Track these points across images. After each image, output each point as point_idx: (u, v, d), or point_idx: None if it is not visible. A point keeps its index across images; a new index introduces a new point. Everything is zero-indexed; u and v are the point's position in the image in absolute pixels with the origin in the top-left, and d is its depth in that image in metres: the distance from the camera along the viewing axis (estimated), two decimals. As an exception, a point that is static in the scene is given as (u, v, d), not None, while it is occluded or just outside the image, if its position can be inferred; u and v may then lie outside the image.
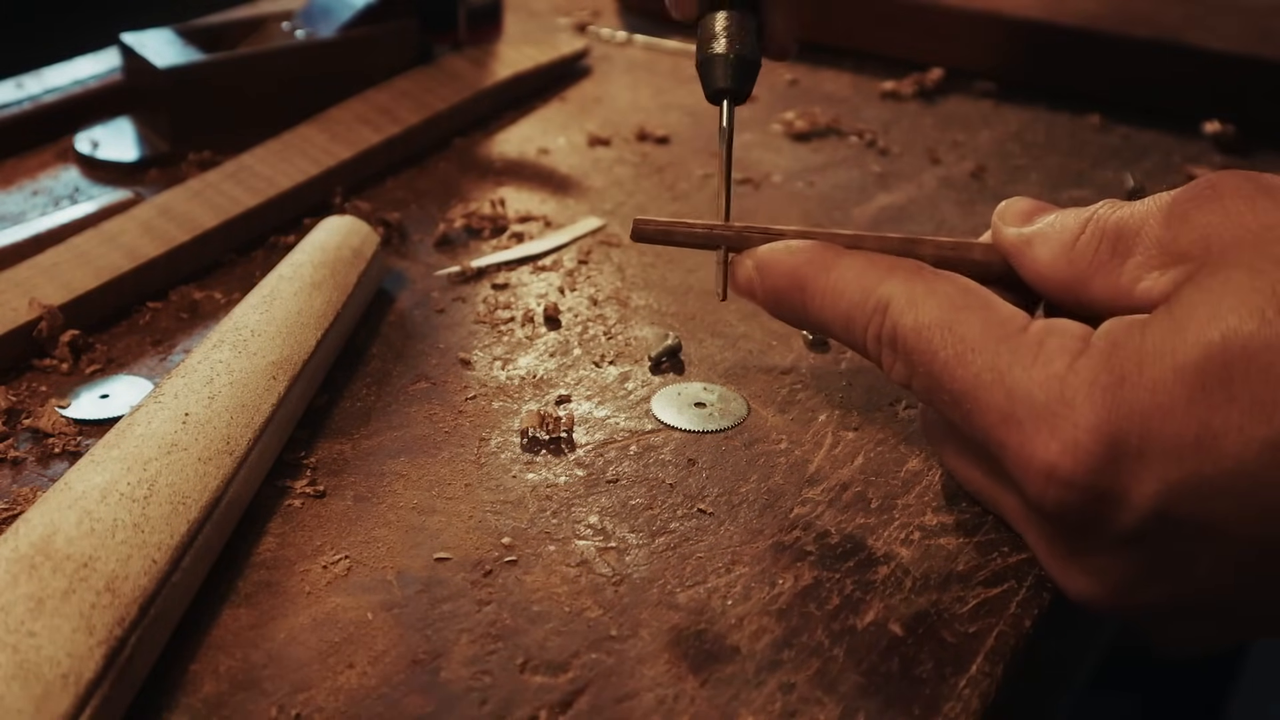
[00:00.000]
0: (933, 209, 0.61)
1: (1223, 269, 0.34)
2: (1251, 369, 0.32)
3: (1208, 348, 0.32)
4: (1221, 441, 0.32)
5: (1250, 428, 0.32)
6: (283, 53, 0.65)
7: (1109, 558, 0.35)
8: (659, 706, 0.34)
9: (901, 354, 0.38)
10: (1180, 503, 0.33)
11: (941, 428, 0.41)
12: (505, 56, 0.73)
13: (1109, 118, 0.72)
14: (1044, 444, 0.34)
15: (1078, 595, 0.37)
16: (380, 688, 0.34)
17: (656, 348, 0.49)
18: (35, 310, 0.47)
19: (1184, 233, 0.36)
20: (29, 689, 0.30)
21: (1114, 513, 0.34)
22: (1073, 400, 0.34)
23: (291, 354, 0.43)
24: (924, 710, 0.34)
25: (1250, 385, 0.32)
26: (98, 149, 0.62)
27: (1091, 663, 0.60)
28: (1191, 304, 0.34)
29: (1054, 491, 0.34)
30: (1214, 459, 0.32)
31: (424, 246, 0.57)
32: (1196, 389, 0.32)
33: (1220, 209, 0.35)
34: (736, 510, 0.41)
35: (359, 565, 0.38)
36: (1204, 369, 0.32)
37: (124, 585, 0.33)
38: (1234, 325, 0.32)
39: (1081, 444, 0.33)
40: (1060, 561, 0.37)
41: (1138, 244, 0.37)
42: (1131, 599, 0.36)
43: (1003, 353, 0.35)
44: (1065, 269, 0.39)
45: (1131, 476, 0.33)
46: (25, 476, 0.42)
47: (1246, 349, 0.32)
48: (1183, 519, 0.33)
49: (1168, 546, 0.34)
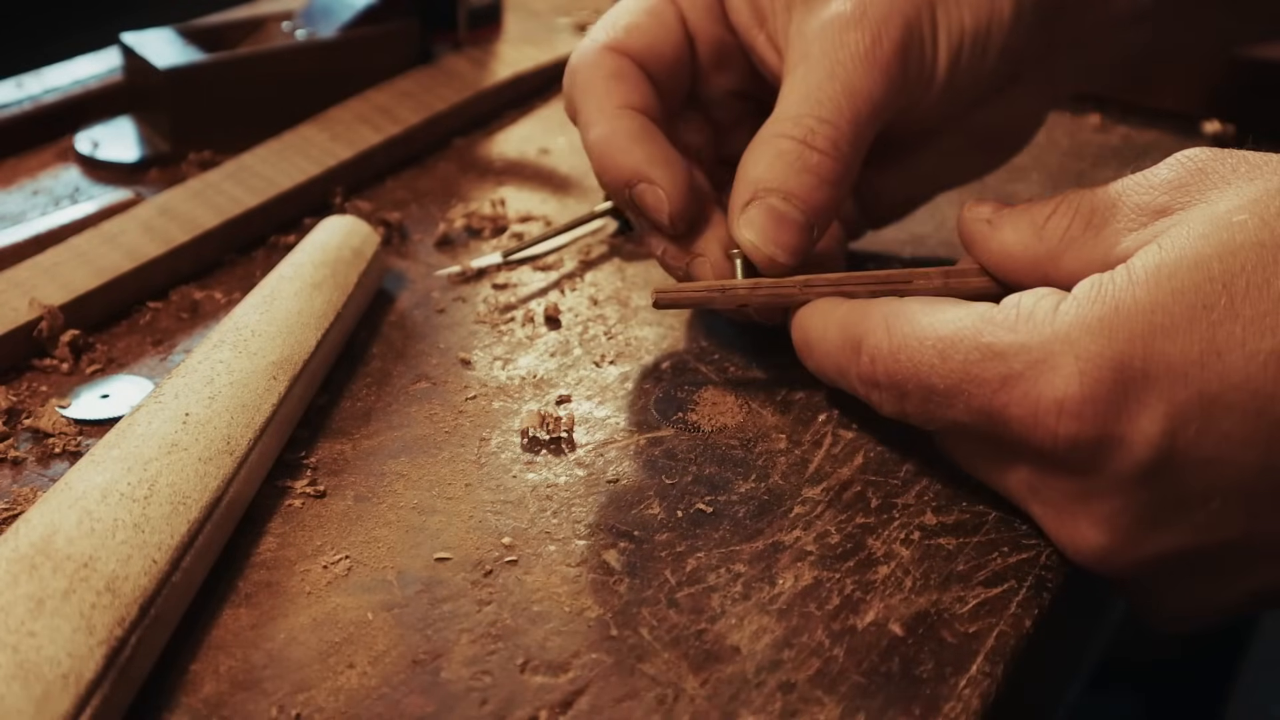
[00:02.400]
0: (933, 209, 0.61)
1: (1208, 208, 0.35)
2: (1250, 285, 0.32)
3: (1206, 270, 0.33)
4: (1226, 358, 0.32)
5: (1254, 341, 0.32)
6: (283, 53, 0.65)
7: (1118, 500, 0.35)
8: (659, 706, 0.34)
9: (886, 385, 0.39)
10: (1188, 425, 0.33)
11: (956, 441, 0.41)
12: (505, 56, 0.73)
13: (1109, 118, 0.72)
14: (1048, 383, 0.34)
15: (1088, 551, 0.37)
16: (380, 688, 0.34)
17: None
18: (35, 310, 0.47)
19: (1163, 192, 0.37)
20: (29, 689, 0.30)
21: (1124, 444, 0.34)
22: (1068, 336, 0.34)
23: (292, 354, 0.43)
24: (924, 710, 0.34)
25: (1250, 300, 0.32)
26: (98, 149, 0.62)
27: (1091, 663, 0.61)
28: (1182, 236, 0.34)
29: (1065, 427, 0.34)
30: (1220, 375, 0.32)
31: (424, 246, 0.57)
32: (1197, 308, 0.33)
33: (1196, 169, 0.37)
34: (736, 510, 0.41)
35: (359, 565, 0.38)
36: (1203, 288, 0.33)
37: (124, 585, 0.33)
38: (1230, 249, 0.33)
39: (1086, 373, 0.33)
40: (1069, 519, 0.37)
41: (1113, 214, 0.38)
42: (1140, 549, 0.36)
43: (984, 329, 0.36)
44: (1035, 246, 0.40)
45: (1139, 402, 0.33)
46: (25, 476, 0.42)
47: (1244, 268, 0.33)
48: (1191, 447, 0.33)
49: (1177, 482, 0.34)
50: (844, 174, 0.43)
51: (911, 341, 0.38)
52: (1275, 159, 0.36)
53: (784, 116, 0.44)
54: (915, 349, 0.37)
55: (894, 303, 0.40)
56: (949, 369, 0.36)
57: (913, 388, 0.38)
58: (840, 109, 0.43)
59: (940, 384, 0.37)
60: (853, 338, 0.40)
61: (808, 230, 0.43)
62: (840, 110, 0.43)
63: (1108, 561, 0.36)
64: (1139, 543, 0.36)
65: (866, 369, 0.39)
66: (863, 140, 0.44)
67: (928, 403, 0.38)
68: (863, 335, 0.39)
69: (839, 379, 0.42)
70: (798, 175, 0.43)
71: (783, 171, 0.43)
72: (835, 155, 0.43)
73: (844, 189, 0.44)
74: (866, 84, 0.43)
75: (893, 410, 0.39)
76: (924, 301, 0.39)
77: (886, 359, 0.38)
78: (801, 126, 0.43)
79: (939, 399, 0.37)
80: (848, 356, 0.40)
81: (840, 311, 0.42)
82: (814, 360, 0.43)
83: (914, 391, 0.38)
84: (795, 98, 0.44)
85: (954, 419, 0.37)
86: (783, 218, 0.43)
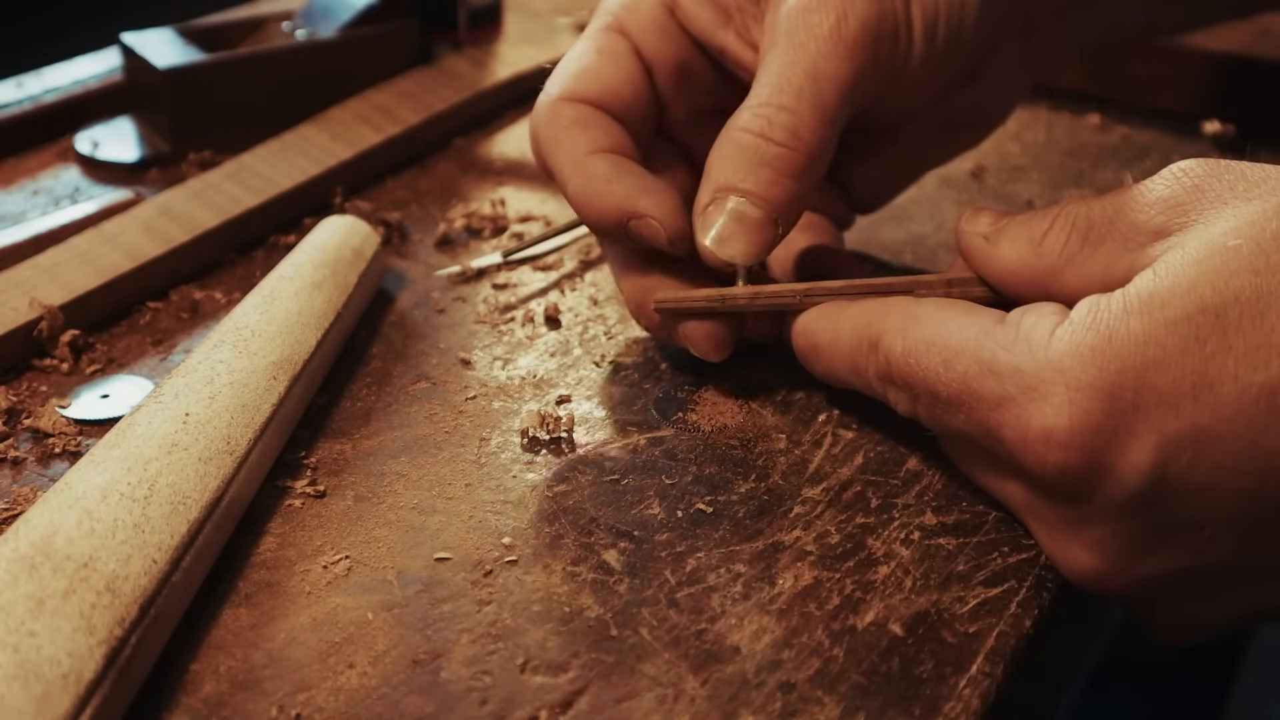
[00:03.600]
0: (933, 208, 0.61)
1: (1204, 231, 0.34)
2: (1244, 318, 0.32)
3: (1199, 299, 0.33)
4: (1218, 390, 0.32)
5: (1246, 374, 0.32)
6: (283, 53, 0.65)
7: (1110, 526, 0.35)
8: (659, 706, 0.34)
9: (901, 384, 0.39)
10: (1179, 457, 0.33)
11: (960, 446, 0.41)
12: (505, 56, 0.73)
13: (1109, 118, 0.72)
14: (1039, 411, 0.34)
15: (1081, 573, 0.36)
16: (380, 688, 0.34)
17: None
18: (35, 310, 0.47)
19: (1159, 211, 0.36)
20: (29, 689, 0.30)
21: (1114, 474, 0.33)
22: (1060, 364, 0.34)
23: (292, 354, 0.43)
24: (924, 710, 0.34)
25: (1244, 333, 0.32)
26: (98, 149, 0.62)
27: (1092, 663, 0.60)
28: (1177, 262, 0.34)
29: (1053, 456, 0.34)
30: (1212, 408, 0.32)
31: (424, 246, 0.57)
32: (1190, 339, 0.32)
33: (1192, 186, 0.36)
34: (736, 510, 0.41)
35: (359, 565, 0.38)
36: (1196, 320, 0.33)
37: (124, 585, 0.33)
38: (1224, 277, 0.33)
39: (1076, 403, 0.33)
40: (1062, 540, 0.37)
41: (1111, 232, 0.37)
42: (1133, 572, 0.36)
43: (985, 344, 0.36)
44: (1034, 262, 0.39)
45: (1129, 433, 0.33)
46: (25, 476, 0.42)
47: (1238, 299, 0.32)
48: (1182, 477, 0.33)
49: (1168, 510, 0.34)
50: (806, 164, 0.42)
51: (921, 346, 0.38)
52: (1274, 175, 0.35)
53: (745, 108, 0.43)
54: (924, 353, 0.37)
55: (910, 304, 0.40)
56: (951, 378, 0.36)
57: (921, 391, 0.38)
58: (801, 94, 0.42)
59: (944, 392, 0.37)
60: (869, 336, 0.40)
61: (770, 227, 0.42)
62: (801, 95, 0.42)
63: (1101, 583, 0.36)
64: (1131, 566, 0.36)
65: (883, 367, 0.39)
66: (829, 126, 0.42)
67: (934, 408, 0.38)
68: (879, 334, 0.39)
69: (853, 378, 0.41)
70: (755, 171, 0.42)
71: (741, 168, 0.42)
72: (795, 145, 0.41)
73: (808, 180, 0.42)
74: (831, 65, 0.42)
75: (907, 410, 0.40)
76: (938, 304, 0.39)
77: (899, 360, 0.38)
78: (759, 118, 0.42)
79: (943, 406, 0.37)
80: (864, 354, 0.40)
81: (851, 312, 0.41)
82: (823, 363, 0.43)
83: (922, 395, 0.38)
84: (758, 87, 0.43)
85: (958, 427, 0.37)
86: (742, 217, 0.42)
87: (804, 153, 0.42)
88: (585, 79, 0.45)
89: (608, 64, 0.46)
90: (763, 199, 0.42)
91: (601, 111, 0.45)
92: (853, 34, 0.42)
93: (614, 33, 0.47)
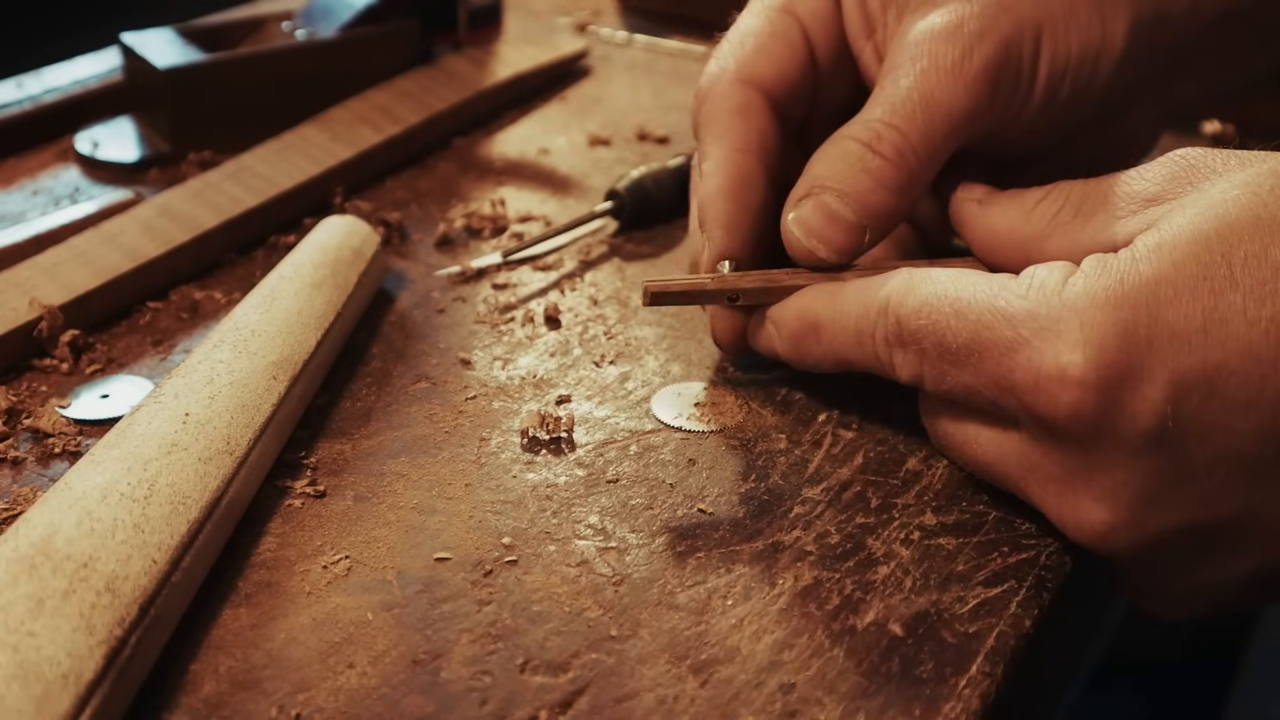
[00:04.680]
0: (933, 209, 0.61)
1: (1202, 193, 0.36)
2: (1249, 255, 0.34)
3: (1205, 242, 0.34)
4: (1228, 325, 0.33)
5: (1254, 308, 0.33)
6: (283, 53, 0.65)
7: (1122, 472, 0.35)
8: (659, 706, 0.34)
9: (910, 342, 0.39)
10: (1192, 393, 0.33)
11: (938, 403, 0.41)
12: (505, 56, 0.73)
13: (1109, 118, 0.72)
14: (1053, 350, 0.35)
15: (1090, 528, 0.37)
16: (380, 688, 0.34)
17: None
18: (35, 310, 0.47)
19: (1154, 183, 0.38)
20: (29, 689, 0.30)
21: (1127, 412, 0.34)
22: (1075, 305, 0.35)
23: (292, 354, 0.43)
24: (924, 710, 0.34)
25: (1249, 269, 0.33)
26: (98, 149, 0.62)
27: (1092, 663, 0.61)
28: (1178, 217, 0.35)
29: (1067, 395, 0.35)
30: (1222, 343, 0.33)
31: (424, 246, 0.57)
32: (1198, 279, 0.34)
33: (1188, 165, 0.38)
34: (736, 510, 0.41)
35: (359, 565, 0.38)
36: (1203, 259, 0.34)
37: (124, 585, 0.33)
38: (1227, 222, 0.34)
39: (1091, 341, 0.34)
40: (1070, 496, 0.37)
41: (1104, 205, 0.39)
42: (1144, 524, 0.36)
43: (999, 294, 0.37)
44: (1021, 227, 0.41)
45: (1143, 370, 0.34)
46: (25, 476, 0.42)
47: (1242, 239, 0.34)
48: (1195, 415, 0.34)
49: (1181, 451, 0.34)
50: (906, 182, 0.43)
51: (932, 299, 0.38)
52: (1266, 155, 0.37)
53: (858, 119, 0.44)
54: (935, 306, 0.38)
55: (914, 269, 0.40)
56: (963, 327, 0.37)
57: (930, 345, 0.38)
58: (913, 118, 0.43)
59: (954, 343, 0.37)
60: (875, 301, 0.40)
61: (858, 231, 0.43)
62: (913, 119, 0.43)
63: (1110, 539, 0.36)
64: (1142, 518, 0.36)
65: (892, 328, 0.39)
66: (933, 153, 0.43)
67: (942, 362, 0.38)
68: (886, 297, 0.40)
69: (855, 351, 0.41)
70: (856, 176, 0.43)
71: (842, 170, 0.43)
72: (898, 162, 0.43)
73: (907, 197, 0.43)
74: (947, 98, 0.43)
75: (912, 373, 0.39)
76: (945, 268, 0.40)
77: (910, 315, 0.39)
78: (870, 130, 0.43)
79: (952, 358, 0.38)
80: (869, 321, 0.40)
81: (852, 286, 0.42)
82: (823, 342, 0.42)
83: (931, 350, 0.38)
84: (873, 103, 0.44)
85: (965, 382, 0.38)
86: (833, 215, 0.43)
87: (905, 171, 0.43)
88: (762, 61, 0.46)
89: (783, 47, 0.47)
90: (857, 202, 0.43)
91: (766, 102, 0.46)
92: (974, 72, 0.43)
93: (786, 13, 0.47)
